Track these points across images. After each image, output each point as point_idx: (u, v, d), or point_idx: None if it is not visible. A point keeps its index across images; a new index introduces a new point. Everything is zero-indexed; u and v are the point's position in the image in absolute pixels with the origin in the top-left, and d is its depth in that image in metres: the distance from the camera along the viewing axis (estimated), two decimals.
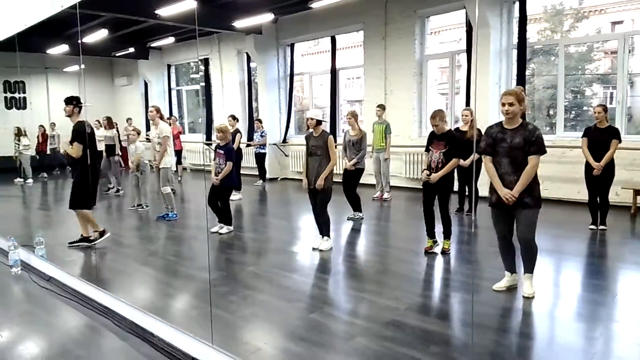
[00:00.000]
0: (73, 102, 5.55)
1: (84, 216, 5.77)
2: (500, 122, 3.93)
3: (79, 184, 5.57)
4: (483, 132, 7.09)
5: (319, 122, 5.48)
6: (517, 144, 3.78)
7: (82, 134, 5.49)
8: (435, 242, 5.31)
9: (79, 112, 5.59)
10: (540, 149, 3.76)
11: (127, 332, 3.46)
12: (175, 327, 3.24)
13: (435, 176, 5.03)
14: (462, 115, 7.15)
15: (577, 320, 3.65)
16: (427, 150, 5.23)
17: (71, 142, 5.51)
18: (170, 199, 7.34)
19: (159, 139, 7.26)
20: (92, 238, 5.87)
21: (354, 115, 7.09)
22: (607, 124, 5.91)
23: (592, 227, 6.07)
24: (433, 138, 5.18)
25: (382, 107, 8.71)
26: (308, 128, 5.59)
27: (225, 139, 6.44)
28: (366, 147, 7.03)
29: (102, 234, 5.93)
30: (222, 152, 6.36)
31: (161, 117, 7.45)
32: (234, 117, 9.48)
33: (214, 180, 6.34)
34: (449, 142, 5.04)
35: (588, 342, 3.33)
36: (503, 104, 3.81)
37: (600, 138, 5.83)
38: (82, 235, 5.86)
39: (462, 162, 6.76)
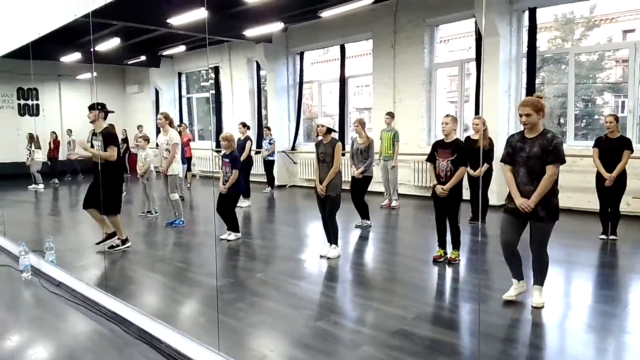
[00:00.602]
0: (98, 108, 5.66)
1: (114, 222, 5.85)
2: (522, 131, 3.89)
3: (108, 189, 5.62)
4: (494, 141, 7.09)
5: (329, 130, 5.50)
6: (534, 154, 3.74)
7: (114, 137, 5.67)
8: (445, 252, 5.28)
9: (105, 117, 5.72)
10: (559, 158, 3.70)
11: (134, 338, 3.47)
12: (182, 334, 3.25)
13: (446, 187, 5.01)
14: (473, 124, 7.13)
15: (587, 332, 3.61)
16: (431, 159, 5.21)
17: (105, 147, 5.58)
18: (178, 206, 7.38)
19: (167, 145, 7.31)
20: (114, 244, 5.94)
21: (361, 123, 7.09)
22: (619, 133, 5.85)
23: (603, 237, 6.00)
24: (438, 147, 5.16)
25: (391, 115, 8.71)
26: (318, 135, 5.61)
27: (230, 148, 6.46)
28: (373, 154, 7.02)
29: (124, 242, 6.00)
30: (227, 160, 6.40)
31: (170, 124, 7.49)
32: (244, 125, 9.52)
33: (222, 189, 6.37)
34: (456, 150, 5.02)
35: (598, 353, 3.29)
36: (520, 115, 3.77)
37: (612, 148, 5.78)
38: (106, 233, 5.91)
39: (471, 172, 6.73)
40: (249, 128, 9.65)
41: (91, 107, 5.68)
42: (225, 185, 6.31)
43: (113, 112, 5.94)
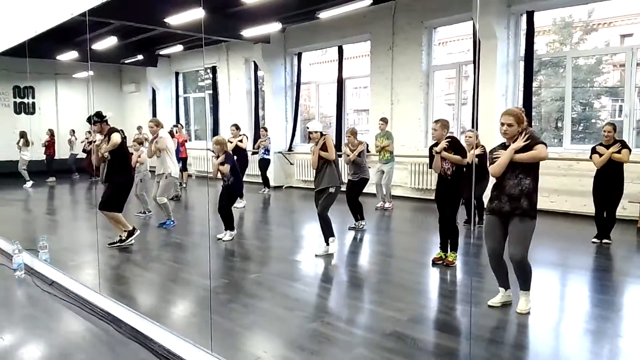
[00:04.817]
0: (96, 119, 5.87)
1: (114, 218, 6.01)
2: (504, 143, 3.88)
3: (118, 188, 5.94)
4: (488, 148, 7.02)
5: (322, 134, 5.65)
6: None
7: (117, 130, 5.89)
8: (445, 255, 5.25)
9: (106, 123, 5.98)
10: (538, 142, 3.71)
11: (127, 337, 3.45)
12: (175, 334, 3.23)
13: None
14: (466, 137, 7.09)
15: (580, 335, 3.60)
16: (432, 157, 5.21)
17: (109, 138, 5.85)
18: (167, 208, 7.30)
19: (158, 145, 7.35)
20: (122, 237, 6.07)
21: (352, 133, 7.22)
22: (614, 140, 5.87)
23: (595, 240, 5.99)
24: (434, 149, 5.17)
25: (384, 121, 8.70)
26: (311, 140, 5.74)
27: (222, 151, 6.41)
28: (365, 157, 7.08)
29: (131, 232, 6.12)
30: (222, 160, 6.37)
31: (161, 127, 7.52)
32: (237, 127, 9.54)
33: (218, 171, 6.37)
34: (453, 147, 5.05)
35: (592, 357, 3.29)
36: (502, 124, 3.77)
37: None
38: (120, 236, 6.10)
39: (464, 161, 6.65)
40: (240, 129, 9.67)
41: (91, 121, 5.94)
42: (222, 172, 6.33)
43: (111, 115, 6.14)
